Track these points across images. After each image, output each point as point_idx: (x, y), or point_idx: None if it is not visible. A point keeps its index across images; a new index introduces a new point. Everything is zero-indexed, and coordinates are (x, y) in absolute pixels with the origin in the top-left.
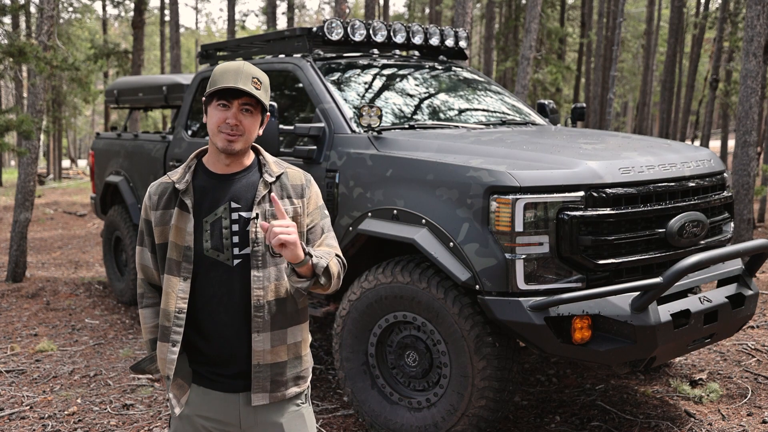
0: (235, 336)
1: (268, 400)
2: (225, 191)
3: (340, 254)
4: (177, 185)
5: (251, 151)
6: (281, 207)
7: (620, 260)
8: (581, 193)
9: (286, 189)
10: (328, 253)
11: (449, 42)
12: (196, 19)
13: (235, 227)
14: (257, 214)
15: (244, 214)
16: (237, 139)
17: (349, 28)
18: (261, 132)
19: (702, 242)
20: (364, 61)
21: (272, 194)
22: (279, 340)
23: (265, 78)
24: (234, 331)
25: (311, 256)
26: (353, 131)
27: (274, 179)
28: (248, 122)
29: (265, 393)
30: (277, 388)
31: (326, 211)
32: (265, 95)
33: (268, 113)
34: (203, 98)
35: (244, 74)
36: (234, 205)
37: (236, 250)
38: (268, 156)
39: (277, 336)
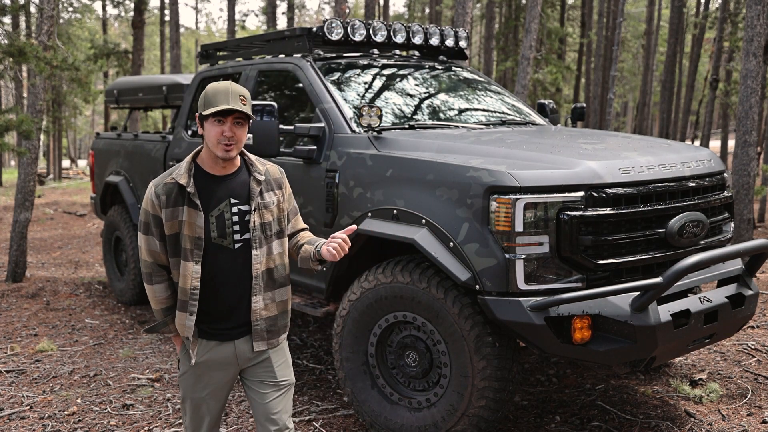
0: (236, 299)
1: (266, 347)
2: (224, 190)
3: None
4: (188, 188)
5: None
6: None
7: (620, 260)
8: (581, 193)
9: (270, 183)
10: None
11: (449, 42)
12: (196, 19)
13: (236, 218)
14: (255, 207)
15: (242, 207)
16: (233, 148)
17: (349, 28)
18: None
19: (702, 242)
20: (364, 61)
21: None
22: (270, 299)
23: (248, 93)
24: (235, 296)
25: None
26: (353, 131)
27: (263, 177)
28: (240, 132)
29: (264, 341)
30: (272, 336)
31: (292, 194)
32: (249, 107)
33: (251, 120)
34: (197, 115)
35: (233, 94)
36: (233, 201)
37: (237, 236)
38: (251, 155)
39: (268, 296)
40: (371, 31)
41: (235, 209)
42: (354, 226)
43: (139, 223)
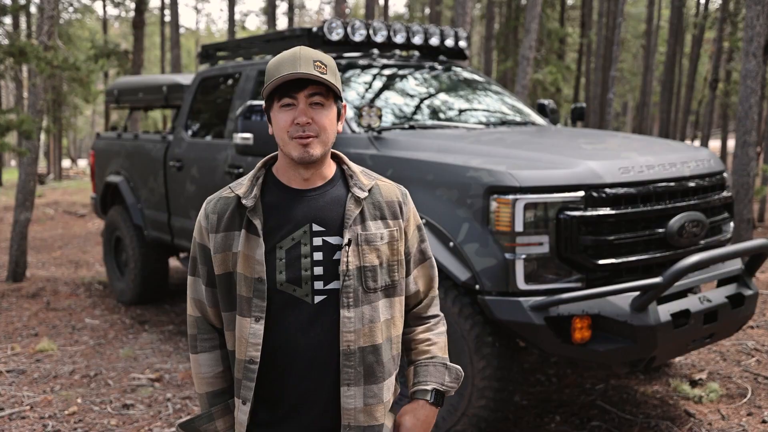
0: (312, 388)
1: None
2: (305, 211)
3: (436, 286)
4: (244, 201)
5: (331, 160)
6: None
7: (620, 260)
8: (581, 193)
9: (380, 207)
10: (445, 364)
11: (449, 42)
12: (196, 19)
13: (318, 256)
14: (349, 240)
15: (330, 239)
16: (312, 141)
17: (349, 29)
18: (341, 127)
19: (702, 242)
20: (364, 62)
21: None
22: (374, 398)
23: (330, 60)
24: (311, 383)
25: (442, 395)
26: (353, 131)
27: (366, 194)
28: (321, 117)
29: None
30: None
31: (424, 230)
32: (334, 79)
33: (344, 102)
34: (263, 104)
35: (304, 59)
36: (316, 228)
37: (318, 285)
38: (353, 165)
39: (371, 392)
40: (371, 32)
41: (318, 241)
42: None
43: (189, 259)
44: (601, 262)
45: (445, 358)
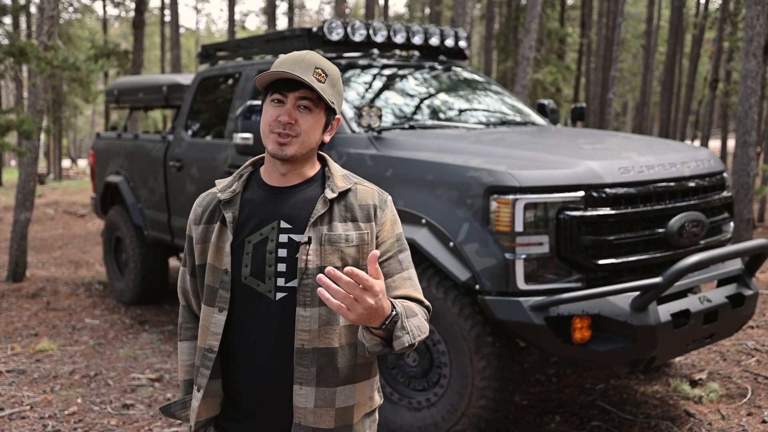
0: (272, 386)
1: None
2: (276, 207)
3: (424, 299)
4: (219, 194)
5: (317, 161)
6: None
7: (620, 260)
8: (581, 193)
9: (351, 209)
10: (415, 313)
11: (449, 42)
12: (196, 19)
13: (282, 252)
14: (309, 238)
15: (295, 237)
16: (290, 141)
17: (349, 29)
18: (327, 138)
19: (702, 242)
20: (364, 62)
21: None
22: (324, 401)
23: (333, 70)
24: (271, 380)
25: (397, 321)
26: (353, 131)
27: (335, 195)
28: (305, 121)
29: None
30: None
31: (405, 242)
32: (330, 90)
33: (338, 116)
34: (260, 98)
35: (305, 63)
36: (284, 224)
37: (280, 281)
38: (335, 167)
39: (322, 395)
40: (371, 32)
41: (284, 238)
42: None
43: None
44: (601, 262)
45: (414, 327)
